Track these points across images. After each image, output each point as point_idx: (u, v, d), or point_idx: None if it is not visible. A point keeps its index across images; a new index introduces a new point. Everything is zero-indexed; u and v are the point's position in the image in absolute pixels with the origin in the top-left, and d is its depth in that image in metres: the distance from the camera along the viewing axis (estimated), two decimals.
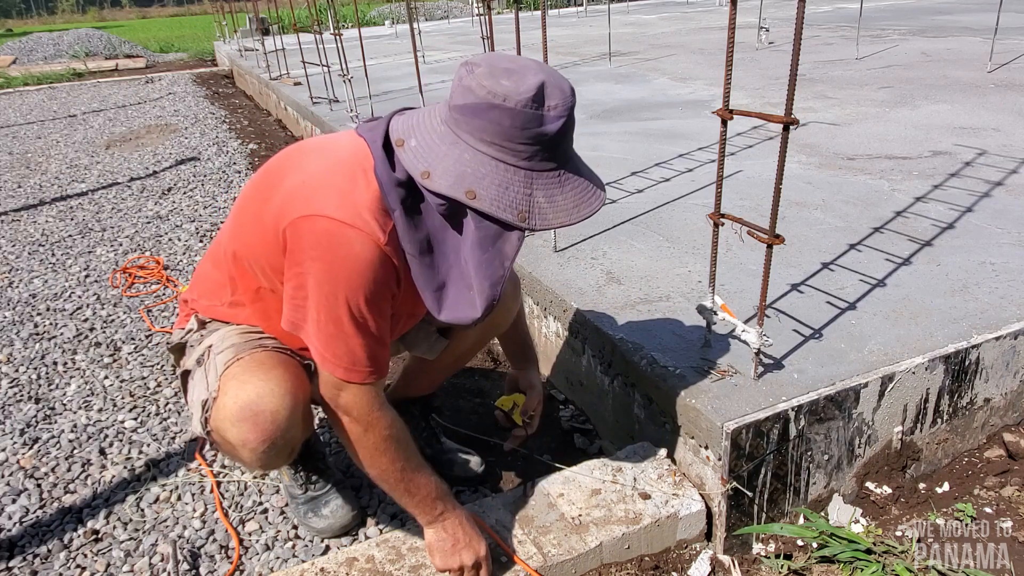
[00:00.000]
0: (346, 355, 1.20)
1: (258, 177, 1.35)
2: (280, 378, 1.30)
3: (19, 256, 3.42)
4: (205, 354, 1.40)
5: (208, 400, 1.31)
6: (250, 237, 1.30)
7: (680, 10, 11.92)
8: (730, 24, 1.34)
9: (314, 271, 1.16)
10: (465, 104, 1.10)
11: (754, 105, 4.15)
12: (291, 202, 1.19)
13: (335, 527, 1.60)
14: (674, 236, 2.33)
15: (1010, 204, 2.43)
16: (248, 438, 1.25)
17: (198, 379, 1.38)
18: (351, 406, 1.25)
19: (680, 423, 1.55)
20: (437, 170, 1.12)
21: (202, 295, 1.48)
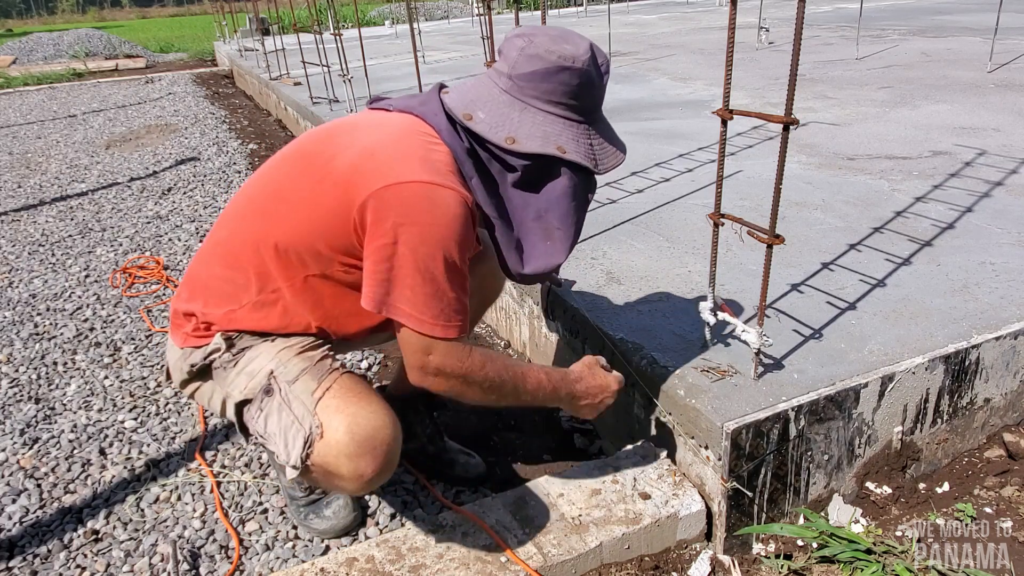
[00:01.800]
0: (442, 312, 1.20)
1: (289, 165, 1.30)
2: (380, 403, 1.28)
3: (19, 256, 3.42)
4: (270, 382, 1.29)
5: (310, 436, 1.22)
6: (301, 224, 1.25)
7: (680, 10, 11.92)
8: (730, 24, 1.34)
9: (407, 237, 1.16)
10: (534, 71, 1.23)
11: (754, 105, 4.15)
12: (364, 176, 1.19)
13: (337, 528, 1.60)
14: (674, 236, 2.33)
15: (1010, 204, 2.43)
16: (367, 471, 1.23)
17: (275, 410, 1.27)
18: (444, 364, 1.23)
19: (680, 423, 1.55)
20: (520, 134, 1.24)
21: (212, 303, 1.34)
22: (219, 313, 1.33)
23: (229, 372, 1.33)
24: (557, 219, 1.30)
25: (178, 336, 1.39)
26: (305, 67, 5.64)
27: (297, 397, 1.26)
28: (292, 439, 1.23)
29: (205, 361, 1.34)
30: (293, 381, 1.28)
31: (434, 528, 1.47)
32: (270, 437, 1.26)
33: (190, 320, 1.37)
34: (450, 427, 1.95)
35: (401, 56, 7.88)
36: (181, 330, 1.39)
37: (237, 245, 1.33)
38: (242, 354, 1.33)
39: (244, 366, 1.32)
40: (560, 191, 1.29)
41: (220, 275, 1.34)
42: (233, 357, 1.33)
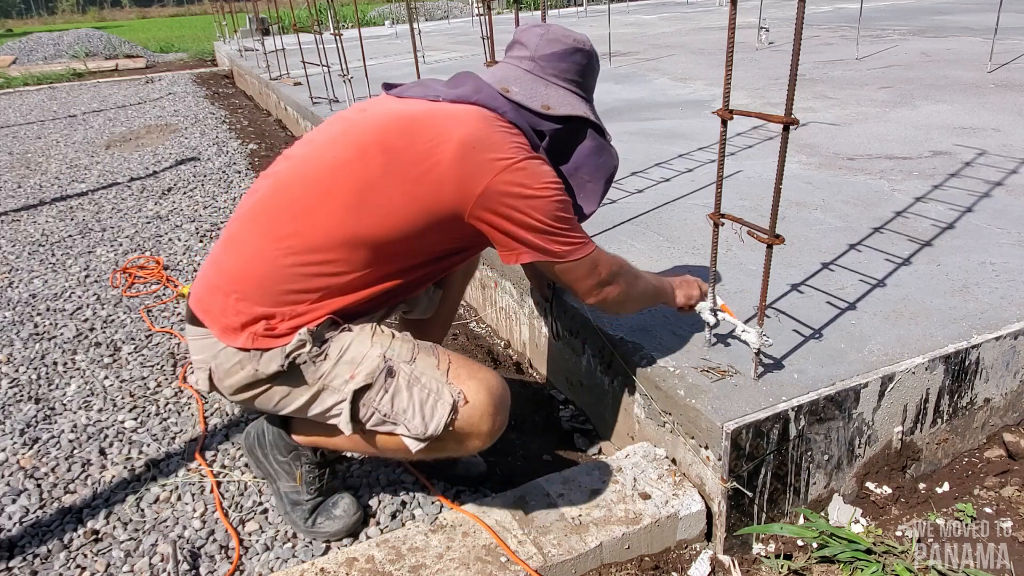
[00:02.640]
0: (582, 234, 1.39)
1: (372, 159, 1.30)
2: (487, 365, 1.44)
3: (19, 256, 3.42)
4: (388, 364, 1.33)
5: (456, 402, 1.31)
6: (402, 218, 1.29)
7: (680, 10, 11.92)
8: (730, 24, 1.34)
9: (531, 209, 1.30)
10: (554, 52, 1.44)
11: (754, 105, 4.15)
12: (475, 167, 1.28)
13: (349, 525, 1.58)
14: (674, 236, 2.33)
15: (1010, 204, 2.43)
16: (502, 424, 1.39)
17: (404, 388, 1.32)
18: (610, 267, 1.43)
19: (680, 423, 1.55)
20: (552, 102, 1.43)
21: (283, 301, 1.32)
22: (299, 309, 1.32)
23: (320, 365, 1.33)
24: (588, 173, 1.48)
25: (239, 338, 1.32)
26: (305, 67, 5.64)
27: (424, 373, 1.34)
28: (431, 409, 1.31)
29: (288, 360, 1.31)
30: (412, 360, 1.35)
31: (434, 528, 1.47)
32: (400, 414, 1.32)
33: (259, 322, 1.32)
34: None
35: (401, 56, 7.88)
36: (245, 332, 1.32)
37: (320, 239, 1.30)
38: (327, 345, 1.33)
39: (339, 356, 1.33)
40: (589, 150, 1.48)
41: (297, 272, 1.31)
42: (320, 350, 1.33)
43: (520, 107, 1.41)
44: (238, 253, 1.36)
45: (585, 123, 1.47)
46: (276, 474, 1.60)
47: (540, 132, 1.43)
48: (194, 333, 1.38)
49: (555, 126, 1.43)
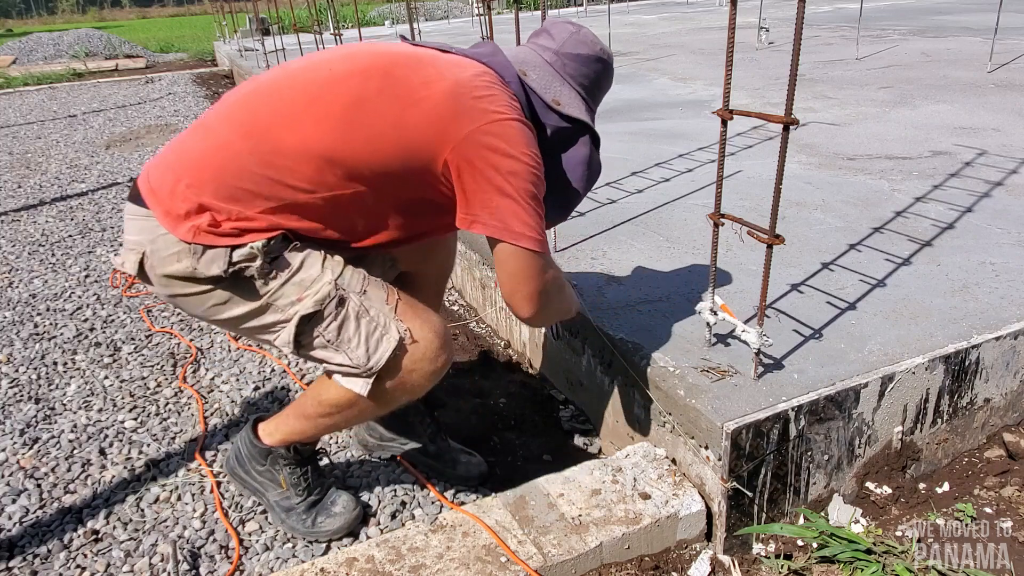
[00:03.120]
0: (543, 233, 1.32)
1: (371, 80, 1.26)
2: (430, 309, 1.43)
3: (19, 256, 3.42)
4: (340, 292, 1.31)
5: (403, 338, 1.32)
6: (383, 143, 1.24)
7: (680, 10, 11.92)
8: (730, 24, 1.34)
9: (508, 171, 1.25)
10: (579, 54, 1.44)
11: (754, 105, 4.15)
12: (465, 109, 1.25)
13: (350, 521, 1.57)
14: (674, 236, 2.33)
15: (1010, 204, 2.43)
16: (446, 363, 1.39)
17: (352, 318, 1.31)
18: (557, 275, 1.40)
19: (680, 423, 1.55)
20: (564, 100, 1.42)
21: (238, 199, 1.25)
22: (248, 212, 1.25)
23: (269, 283, 1.29)
24: (574, 180, 1.46)
25: (181, 227, 1.25)
26: None
27: (373, 306, 1.33)
28: (377, 342, 1.31)
29: (233, 268, 1.26)
30: (362, 292, 1.33)
31: (434, 528, 1.47)
32: (344, 343, 1.31)
33: (202, 214, 1.25)
34: (450, 427, 1.95)
35: None
36: (188, 222, 1.25)
37: (293, 145, 1.24)
38: (278, 262, 1.29)
39: (289, 275, 1.29)
40: (581, 158, 1.46)
41: (256, 172, 1.25)
42: (271, 267, 1.28)
43: (532, 92, 1.40)
44: (203, 139, 1.30)
45: (587, 130, 1.46)
46: (262, 486, 1.58)
47: (540, 124, 1.42)
48: (134, 212, 1.31)
49: (560, 124, 1.43)
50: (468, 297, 2.81)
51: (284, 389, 2.19)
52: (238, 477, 1.60)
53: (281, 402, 2.13)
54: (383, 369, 1.32)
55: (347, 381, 1.36)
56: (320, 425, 1.48)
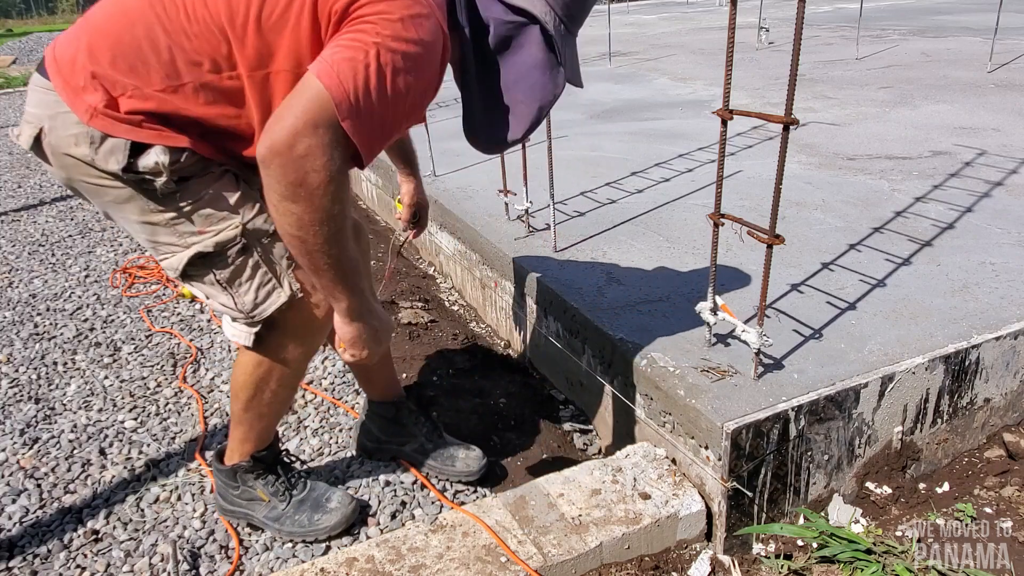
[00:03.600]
0: (368, 111, 1.05)
1: None
2: None
3: (19, 256, 3.42)
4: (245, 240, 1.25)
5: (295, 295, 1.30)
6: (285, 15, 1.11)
7: (680, 10, 11.92)
8: (730, 24, 1.34)
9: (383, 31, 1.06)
10: None
11: (754, 105, 4.15)
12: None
13: (347, 515, 1.57)
14: (674, 236, 2.33)
15: (1010, 204, 2.43)
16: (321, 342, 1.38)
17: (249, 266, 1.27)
18: (324, 152, 1.04)
19: (680, 423, 1.55)
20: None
21: (131, 70, 1.13)
22: (145, 89, 1.13)
23: (173, 203, 1.22)
24: (523, 92, 1.23)
25: (79, 104, 1.14)
26: None
27: (274, 258, 1.29)
28: (267, 294, 1.29)
29: (135, 176, 1.18)
30: (268, 242, 1.29)
31: (434, 528, 1.47)
32: (235, 287, 1.29)
33: (98, 91, 1.13)
34: (450, 427, 1.95)
35: None
36: (85, 98, 1.14)
37: (203, 14, 1.12)
38: (187, 188, 1.22)
39: (196, 205, 1.23)
40: (531, 63, 1.22)
41: (160, 41, 1.13)
42: (176, 187, 1.20)
43: None
44: (113, 3, 1.19)
45: (537, 26, 1.19)
46: (248, 508, 1.58)
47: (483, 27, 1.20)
48: (37, 82, 1.21)
49: (508, 17, 1.18)
50: (468, 297, 2.81)
51: None
52: (226, 511, 1.61)
53: None
54: (272, 323, 1.31)
55: (234, 328, 1.35)
56: (253, 413, 1.47)
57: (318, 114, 1.03)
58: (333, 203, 1.07)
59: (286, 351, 1.39)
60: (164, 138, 1.17)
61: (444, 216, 2.84)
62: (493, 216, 2.63)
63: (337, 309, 1.23)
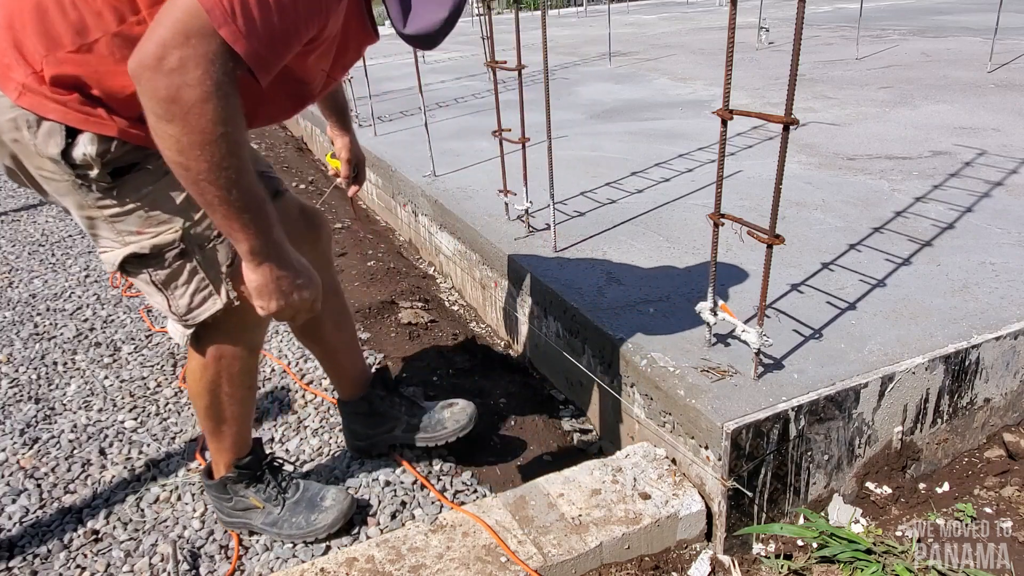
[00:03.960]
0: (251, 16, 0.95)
1: None
2: None
3: (19, 256, 3.42)
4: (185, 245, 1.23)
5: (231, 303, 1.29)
6: None
7: (680, 10, 11.92)
8: (730, 24, 1.34)
9: None
10: None
11: (754, 105, 4.15)
12: None
13: (344, 511, 1.56)
14: (674, 236, 2.33)
15: (1010, 204, 2.43)
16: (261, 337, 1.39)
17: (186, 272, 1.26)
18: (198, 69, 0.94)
19: (680, 423, 1.55)
20: None
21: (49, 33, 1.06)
22: (58, 53, 1.06)
23: (109, 197, 1.19)
24: None
25: (7, 82, 1.09)
26: None
27: (212, 266, 1.28)
28: (202, 300, 1.29)
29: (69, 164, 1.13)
30: (208, 248, 1.27)
31: (434, 528, 1.47)
32: (171, 290, 1.28)
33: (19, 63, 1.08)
34: None
35: (401, 56, 7.88)
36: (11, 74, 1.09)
37: None
38: (125, 186, 1.18)
39: (136, 205, 1.20)
40: None
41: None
42: (112, 183, 1.17)
43: None
44: None
45: None
46: (246, 517, 1.58)
47: None
48: None
49: None
50: (468, 297, 2.81)
51: (284, 389, 2.19)
52: (227, 523, 1.61)
53: (281, 402, 2.13)
54: (207, 324, 1.31)
55: (171, 326, 1.36)
56: (217, 420, 1.46)
57: (189, 23, 0.93)
58: (216, 124, 0.97)
59: (226, 351, 1.38)
60: (92, 123, 1.12)
61: (444, 216, 2.84)
62: (493, 216, 2.63)
63: (239, 251, 1.11)
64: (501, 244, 2.38)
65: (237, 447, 1.53)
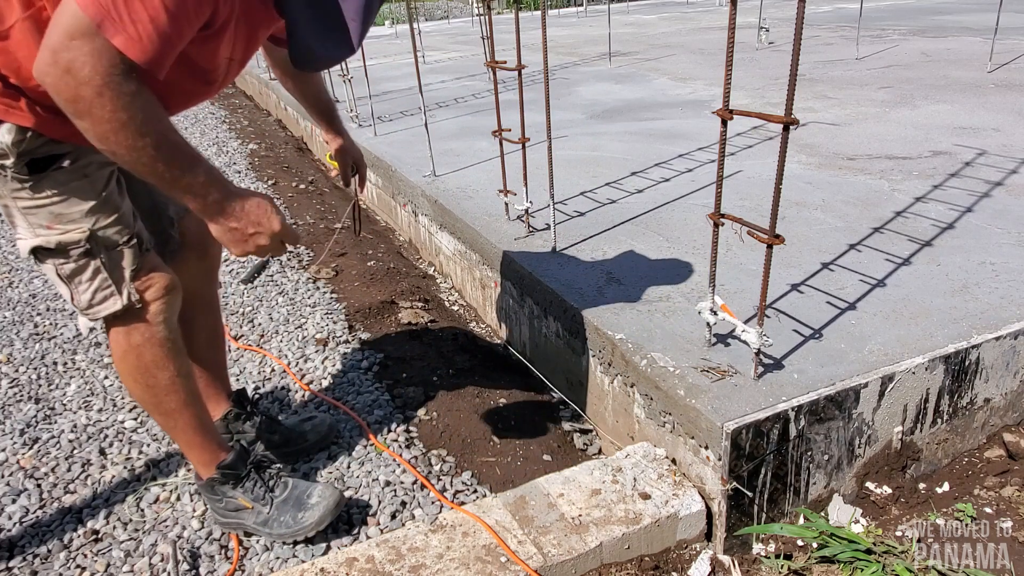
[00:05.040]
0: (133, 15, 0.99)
1: None
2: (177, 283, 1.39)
3: (19, 256, 3.42)
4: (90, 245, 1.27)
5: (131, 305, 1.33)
6: None
7: (680, 10, 11.92)
8: (730, 24, 1.34)
9: None
10: None
11: (754, 105, 4.15)
12: None
13: (331, 507, 1.54)
14: (674, 236, 2.33)
15: (1010, 204, 2.43)
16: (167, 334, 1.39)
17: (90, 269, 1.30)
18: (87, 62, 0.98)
19: (680, 423, 1.55)
20: None
21: None
22: None
23: (23, 189, 1.22)
24: (353, 10, 1.19)
25: None
26: None
27: (117, 268, 1.32)
28: (103, 299, 1.32)
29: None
30: (114, 251, 1.31)
31: (434, 528, 1.47)
32: (74, 284, 1.32)
33: None
34: (449, 427, 1.96)
35: (401, 56, 7.88)
36: None
37: None
38: (42, 181, 1.21)
39: (47, 200, 1.24)
40: None
41: None
42: (29, 176, 1.20)
43: None
44: None
45: None
46: (238, 517, 1.57)
47: None
48: None
49: None
50: (468, 297, 2.81)
51: (284, 389, 2.19)
52: (222, 524, 1.61)
53: (281, 402, 2.13)
54: (116, 318, 1.35)
55: (80, 319, 1.38)
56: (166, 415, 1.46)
57: (71, 25, 0.98)
58: (117, 112, 1.02)
59: (133, 337, 1.39)
60: (11, 114, 1.16)
61: (444, 216, 2.84)
62: (493, 216, 2.63)
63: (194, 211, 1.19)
64: (501, 244, 2.38)
65: (210, 446, 1.52)
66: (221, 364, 1.76)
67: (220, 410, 1.74)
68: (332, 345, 2.41)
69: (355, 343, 2.42)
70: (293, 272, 3.03)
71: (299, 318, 2.61)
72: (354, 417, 2.00)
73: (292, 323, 2.58)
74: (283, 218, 1.24)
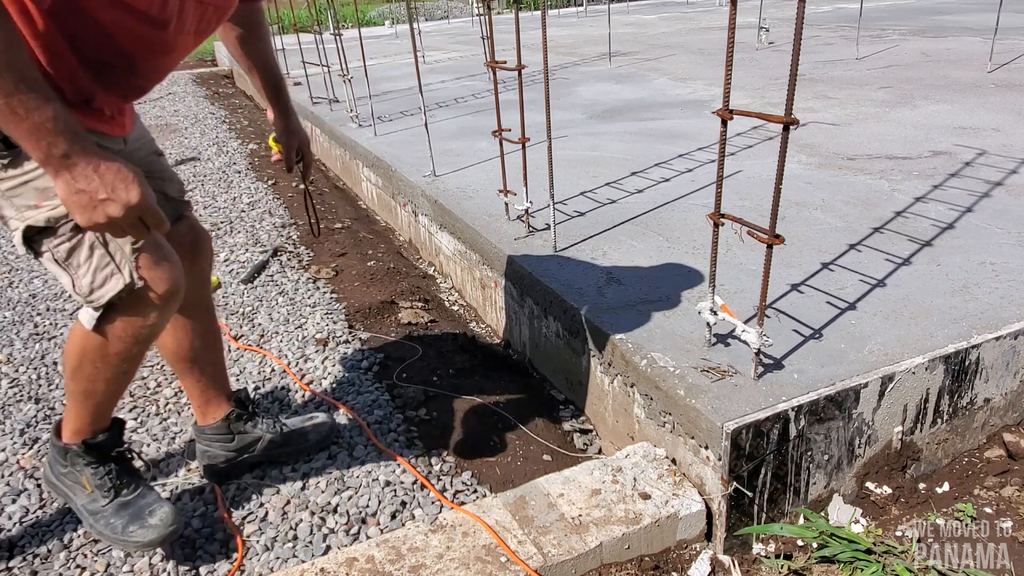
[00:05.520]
0: None
1: None
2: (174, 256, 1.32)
3: (19, 256, 3.42)
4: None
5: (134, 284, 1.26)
6: None
7: (680, 10, 11.92)
8: (730, 24, 1.34)
9: None
10: None
11: (754, 105, 4.15)
12: None
13: (164, 535, 1.46)
14: (674, 236, 2.33)
15: (1010, 204, 2.43)
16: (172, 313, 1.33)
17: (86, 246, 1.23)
18: None
19: (680, 423, 1.55)
20: None
21: None
22: None
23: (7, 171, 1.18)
24: None
25: None
26: (305, 67, 5.64)
27: (114, 241, 1.24)
28: (105, 279, 1.25)
29: None
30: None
31: (434, 528, 1.47)
32: (74, 268, 1.26)
33: None
34: (448, 427, 1.96)
35: (401, 56, 7.88)
36: None
37: None
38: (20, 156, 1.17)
39: (30, 176, 1.19)
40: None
41: None
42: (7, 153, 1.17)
43: None
44: None
45: None
46: (70, 489, 1.50)
47: None
48: None
49: None
50: (468, 297, 2.81)
51: (284, 389, 2.19)
52: (50, 483, 1.53)
53: (281, 402, 2.13)
54: (112, 309, 1.28)
55: (82, 312, 1.32)
56: (79, 387, 1.40)
57: None
58: None
59: (114, 330, 1.33)
60: None
61: (444, 216, 2.84)
62: (493, 216, 2.63)
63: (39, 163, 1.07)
64: (501, 244, 2.38)
65: (95, 419, 1.46)
66: (220, 365, 1.75)
67: (221, 411, 1.73)
68: (332, 345, 2.41)
69: (355, 343, 2.42)
70: (293, 272, 3.03)
71: (299, 318, 2.62)
72: (354, 417, 2.00)
73: (292, 323, 2.58)
74: (146, 192, 1.10)
